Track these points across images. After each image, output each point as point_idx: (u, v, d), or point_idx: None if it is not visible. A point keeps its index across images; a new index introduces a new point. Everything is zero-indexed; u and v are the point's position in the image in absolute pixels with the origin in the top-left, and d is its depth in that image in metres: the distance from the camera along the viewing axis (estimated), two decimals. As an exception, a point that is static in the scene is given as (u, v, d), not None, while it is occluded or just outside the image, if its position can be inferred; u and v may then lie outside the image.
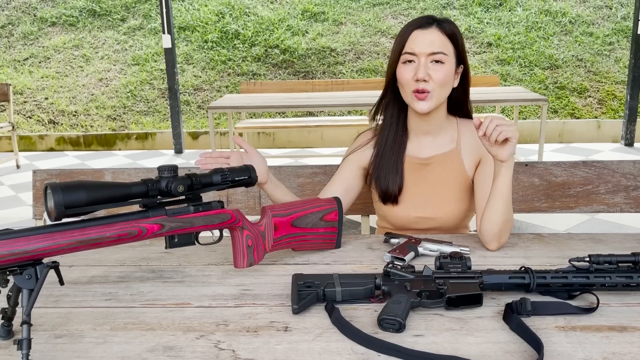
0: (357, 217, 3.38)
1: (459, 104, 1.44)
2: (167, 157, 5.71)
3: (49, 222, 0.92)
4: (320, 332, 0.92)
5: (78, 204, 0.88)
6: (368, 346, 0.87)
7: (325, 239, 1.26)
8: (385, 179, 1.43)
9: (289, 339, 0.90)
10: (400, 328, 0.91)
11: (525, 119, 6.09)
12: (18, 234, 0.84)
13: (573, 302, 1.00)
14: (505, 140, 1.18)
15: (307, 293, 1.00)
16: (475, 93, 1.48)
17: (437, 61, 1.31)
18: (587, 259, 1.01)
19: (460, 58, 1.36)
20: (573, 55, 6.76)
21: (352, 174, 1.49)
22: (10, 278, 0.85)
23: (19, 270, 0.84)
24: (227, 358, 0.85)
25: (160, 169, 0.99)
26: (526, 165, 1.68)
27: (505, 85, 6.26)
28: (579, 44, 6.90)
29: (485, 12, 7.50)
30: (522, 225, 3.47)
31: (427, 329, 0.93)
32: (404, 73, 1.33)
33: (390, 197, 1.43)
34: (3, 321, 0.91)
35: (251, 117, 6.18)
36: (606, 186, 1.66)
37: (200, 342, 0.90)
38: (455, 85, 1.38)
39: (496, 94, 4.20)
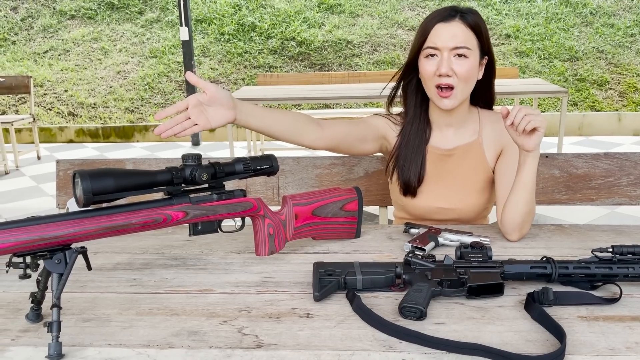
0: (374, 209, 3.38)
1: (483, 94, 1.43)
2: (184, 149, 5.76)
3: (74, 210, 0.94)
4: (341, 319, 0.93)
5: (105, 190, 0.90)
6: (390, 333, 0.87)
7: (345, 228, 1.27)
8: (407, 170, 1.42)
9: (310, 325, 0.91)
10: (421, 316, 0.91)
11: (544, 111, 6.02)
12: (48, 219, 0.86)
13: (596, 293, 0.99)
14: (533, 130, 1.17)
15: (329, 281, 1.01)
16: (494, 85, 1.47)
17: (460, 55, 1.29)
18: (610, 249, 1.01)
19: (485, 50, 1.34)
20: (594, 47, 6.66)
21: (373, 132, 1.45)
22: (41, 263, 0.87)
23: (49, 255, 0.86)
24: (251, 343, 0.86)
25: (185, 157, 1.01)
26: (546, 157, 1.67)
27: (524, 78, 6.18)
28: (600, 36, 6.79)
29: (504, 3, 7.41)
30: (541, 218, 3.44)
31: (448, 317, 0.93)
32: (427, 67, 1.32)
33: (410, 188, 1.43)
34: (33, 305, 0.94)
35: (267, 110, 6.18)
36: (628, 178, 1.64)
37: (224, 327, 0.91)
38: (480, 77, 1.36)
39: (515, 86, 4.16)
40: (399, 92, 1.47)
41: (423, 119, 1.44)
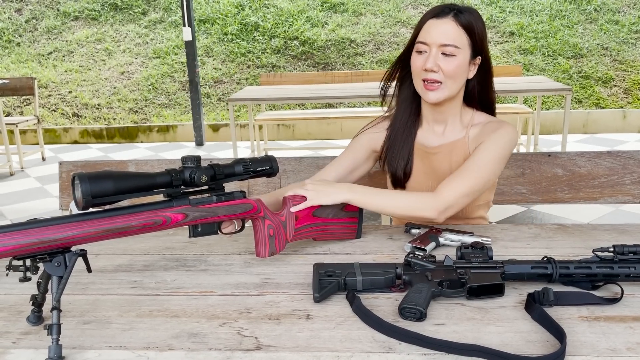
0: (377, 209, 3.37)
1: (478, 96, 1.41)
2: (188, 149, 5.77)
3: (74, 213, 0.94)
4: (341, 320, 0.93)
5: (105, 193, 0.90)
6: (389, 334, 0.87)
7: (346, 229, 1.27)
8: (394, 162, 1.44)
9: (310, 327, 0.91)
10: (421, 317, 0.91)
11: (548, 109, 6.00)
12: (48, 222, 0.86)
13: (597, 293, 0.99)
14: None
15: (329, 282, 1.00)
16: (497, 83, 1.45)
17: (448, 53, 1.28)
18: (612, 249, 1.00)
19: (478, 49, 1.33)
20: (598, 44, 6.62)
21: (361, 154, 1.49)
22: (41, 265, 0.88)
23: (49, 257, 0.87)
24: (250, 345, 0.86)
25: (184, 159, 1.01)
26: (549, 155, 1.66)
27: (527, 75, 6.16)
28: (604, 32, 6.76)
29: (507, 0, 7.38)
30: (545, 217, 3.43)
31: (448, 318, 0.93)
32: (415, 62, 1.34)
33: (399, 181, 1.45)
34: (33, 307, 0.94)
35: (271, 109, 6.19)
36: (632, 177, 1.64)
37: (224, 329, 0.91)
38: (471, 76, 1.35)
39: (519, 84, 4.14)
40: (395, 89, 1.47)
41: (414, 112, 1.44)
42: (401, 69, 1.43)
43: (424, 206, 1.24)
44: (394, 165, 1.44)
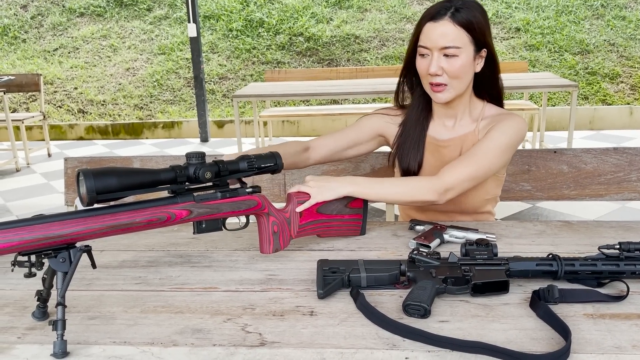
0: (381, 205, 3.37)
1: (487, 87, 1.43)
2: (193, 145, 5.78)
3: (80, 209, 0.94)
4: (345, 316, 0.93)
5: (109, 189, 0.90)
6: (393, 331, 0.87)
7: (350, 225, 1.27)
8: (407, 157, 1.45)
9: (314, 323, 0.91)
10: (425, 314, 0.91)
11: (554, 105, 5.97)
12: (52, 218, 0.87)
13: (602, 290, 0.98)
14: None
15: (333, 278, 1.00)
16: (503, 79, 1.45)
17: (450, 54, 1.29)
18: (617, 246, 1.00)
19: (481, 43, 1.32)
20: (605, 40, 6.58)
21: (367, 133, 1.51)
22: (46, 261, 0.88)
23: (54, 253, 0.87)
24: (254, 341, 0.87)
25: (188, 155, 1.01)
26: (555, 152, 1.65)
27: (534, 72, 6.13)
28: (611, 28, 6.71)
29: (513, -4, 7.33)
30: (551, 214, 3.42)
31: (452, 315, 0.93)
32: (420, 66, 1.35)
33: (410, 175, 1.45)
34: (39, 303, 0.94)
35: (276, 106, 6.19)
36: (638, 173, 1.63)
37: (228, 325, 0.91)
38: (478, 70, 1.36)
39: (524, 80, 4.11)
40: (406, 87, 1.48)
41: (425, 108, 1.46)
42: (407, 71, 1.44)
43: (425, 189, 1.26)
44: (407, 160, 1.46)
